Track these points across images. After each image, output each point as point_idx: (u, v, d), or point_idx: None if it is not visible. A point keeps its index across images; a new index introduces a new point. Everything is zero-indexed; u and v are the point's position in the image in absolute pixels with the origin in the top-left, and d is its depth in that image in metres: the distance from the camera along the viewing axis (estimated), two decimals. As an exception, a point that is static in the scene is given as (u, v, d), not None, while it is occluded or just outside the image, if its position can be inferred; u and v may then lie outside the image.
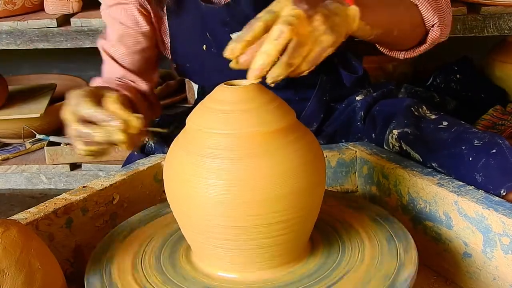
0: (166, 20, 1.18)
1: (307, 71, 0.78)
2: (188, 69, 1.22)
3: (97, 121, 0.84)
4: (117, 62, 1.20)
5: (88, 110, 0.85)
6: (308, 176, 0.72)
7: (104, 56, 1.24)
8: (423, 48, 1.05)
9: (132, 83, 1.22)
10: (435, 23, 1.01)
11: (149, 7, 1.17)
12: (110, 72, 1.22)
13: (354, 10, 0.81)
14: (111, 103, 0.85)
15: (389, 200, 0.98)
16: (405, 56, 1.07)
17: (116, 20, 1.18)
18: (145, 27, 1.17)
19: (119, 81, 1.21)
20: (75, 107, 0.87)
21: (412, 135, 1.00)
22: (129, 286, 0.75)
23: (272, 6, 0.75)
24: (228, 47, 0.74)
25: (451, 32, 1.73)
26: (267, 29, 0.73)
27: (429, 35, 1.03)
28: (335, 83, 1.21)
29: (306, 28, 0.74)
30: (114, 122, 0.83)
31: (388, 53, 1.07)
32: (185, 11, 1.15)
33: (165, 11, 1.17)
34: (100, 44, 1.24)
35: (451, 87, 1.95)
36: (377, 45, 1.05)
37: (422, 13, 1.01)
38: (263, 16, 0.74)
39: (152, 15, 1.18)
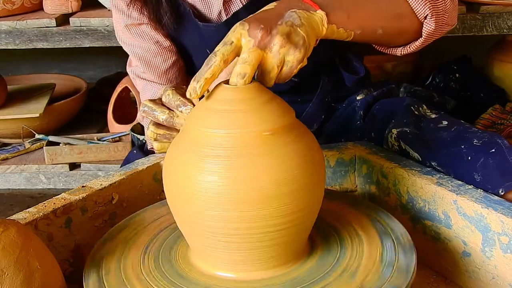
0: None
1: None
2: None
3: (171, 107, 0.89)
4: (156, 83, 1.19)
5: (168, 96, 0.89)
6: (308, 175, 0.73)
7: (139, 81, 1.23)
8: (419, 43, 0.98)
9: None
10: (427, 15, 0.94)
11: None
12: (154, 93, 1.20)
13: (320, 15, 0.80)
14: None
15: (388, 200, 0.98)
16: (402, 52, 1.01)
17: (136, 47, 1.16)
18: (165, 42, 1.15)
19: None
20: (160, 94, 0.92)
21: (412, 134, 1.00)
22: (127, 285, 0.75)
23: (229, 36, 0.75)
24: (189, 87, 0.74)
25: (450, 31, 1.73)
26: (226, 62, 0.74)
27: (424, 28, 0.96)
28: (337, 83, 1.21)
29: (267, 56, 0.74)
30: (184, 106, 0.87)
31: (385, 51, 1.03)
32: (184, 30, 1.13)
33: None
34: (131, 70, 1.23)
35: (450, 87, 1.95)
36: (373, 44, 1.03)
37: (412, 5, 0.94)
38: (220, 50, 0.74)
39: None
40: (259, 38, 0.73)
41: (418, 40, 0.98)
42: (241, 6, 1.07)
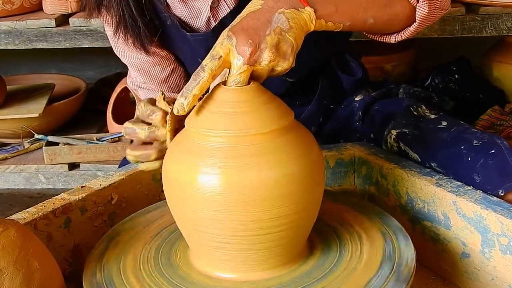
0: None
1: None
2: None
3: (145, 119, 0.85)
4: (159, 91, 1.19)
5: (140, 108, 0.85)
6: (307, 176, 0.72)
7: (140, 91, 1.22)
8: (413, 28, 0.93)
9: None
10: None
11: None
12: None
13: (308, 12, 0.78)
14: (159, 100, 0.85)
15: (388, 200, 0.98)
16: (397, 39, 0.96)
17: (134, 58, 1.16)
18: (162, 52, 1.15)
19: None
20: (136, 112, 0.88)
21: (411, 135, 1.00)
22: (126, 286, 0.75)
23: (216, 48, 0.74)
24: (176, 103, 0.74)
25: (450, 32, 1.73)
26: (214, 77, 0.73)
27: (417, 12, 0.91)
28: (335, 85, 1.21)
29: (256, 68, 0.74)
30: (154, 113, 0.83)
31: (378, 39, 0.99)
32: (174, 42, 1.13)
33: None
34: (131, 81, 1.23)
35: (449, 87, 1.95)
36: (365, 33, 0.98)
37: None
38: (208, 65, 0.73)
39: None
40: (248, 56, 0.73)
41: (412, 25, 0.94)
42: (228, 11, 1.06)
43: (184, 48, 1.13)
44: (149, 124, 0.85)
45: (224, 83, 0.75)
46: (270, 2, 0.77)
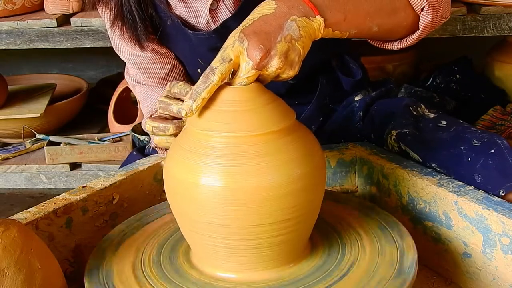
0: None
1: None
2: None
3: (182, 96, 0.84)
4: (158, 87, 1.19)
5: (180, 86, 0.85)
6: (309, 176, 0.72)
7: (139, 88, 1.22)
8: (416, 36, 0.95)
9: None
10: (424, 6, 0.91)
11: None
12: (156, 99, 1.17)
13: (318, 22, 0.78)
14: None
15: (389, 200, 0.98)
16: (399, 47, 0.98)
17: (133, 55, 1.15)
18: (161, 49, 1.15)
19: None
20: (168, 88, 0.87)
21: (411, 135, 1.00)
22: (128, 286, 0.75)
23: (227, 51, 0.74)
24: (184, 105, 0.74)
25: (451, 32, 1.73)
26: (223, 80, 0.74)
27: (420, 20, 0.93)
28: (335, 85, 1.21)
29: (262, 73, 0.75)
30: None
31: (381, 46, 1.00)
32: (174, 41, 1.13)
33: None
34: (129, 78, 1.22)
35: (451, 88, 1.95)
36: (368, 40, 1.00)
37: None
38: (219, 68, 0.73)
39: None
40: (258, 61, 0.73)
41: (415, 33, 0.95)
42: (230, 15, 1.06)
43: (185, 48, 1.13)
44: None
45: (229, 83, 0.75)
46: (283, 7, 0.77)
